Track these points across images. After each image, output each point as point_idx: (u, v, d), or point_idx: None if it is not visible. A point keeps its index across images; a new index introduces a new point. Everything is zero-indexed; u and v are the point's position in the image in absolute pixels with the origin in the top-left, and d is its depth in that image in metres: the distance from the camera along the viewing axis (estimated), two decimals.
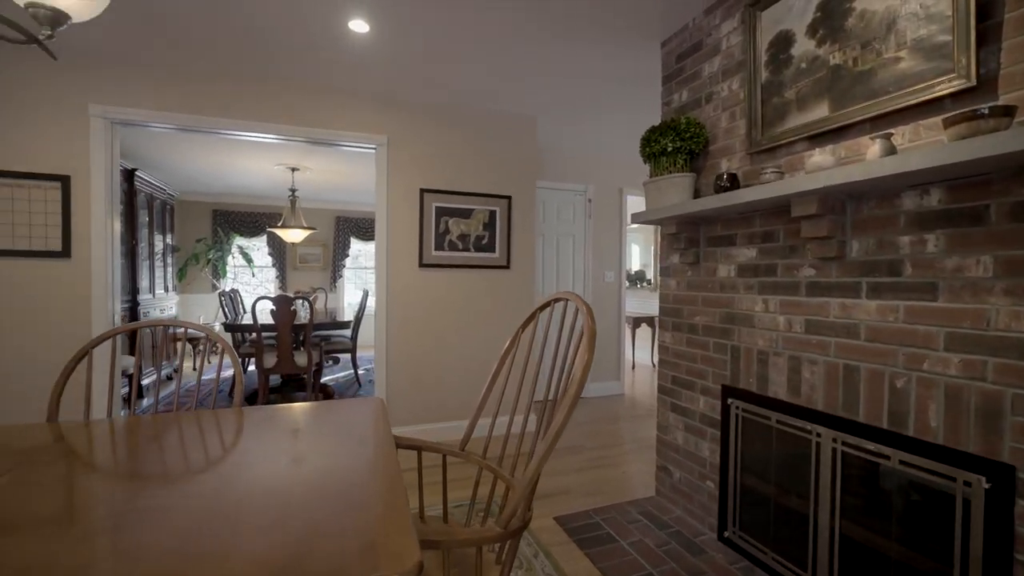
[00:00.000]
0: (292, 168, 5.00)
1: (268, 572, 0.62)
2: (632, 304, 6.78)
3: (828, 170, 1.42)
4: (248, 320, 4.46)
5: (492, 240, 3.44)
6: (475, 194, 3.39)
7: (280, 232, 5.17)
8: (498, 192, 3.47)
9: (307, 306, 4.64)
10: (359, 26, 2.31)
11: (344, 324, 4.37)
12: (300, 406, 1.37)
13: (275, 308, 3.66)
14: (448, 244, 3.33)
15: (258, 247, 7.15)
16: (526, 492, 0.94)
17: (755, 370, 1.90)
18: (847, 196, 1.55)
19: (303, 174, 5.30)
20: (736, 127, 2.00)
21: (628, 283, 6.74)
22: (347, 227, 7.43)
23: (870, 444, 1.47)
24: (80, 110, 2.60)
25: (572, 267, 4.54)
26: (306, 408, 1.36)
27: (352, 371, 5.24)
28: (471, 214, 3.38)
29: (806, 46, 1.66)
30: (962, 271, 1.28)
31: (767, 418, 1.83)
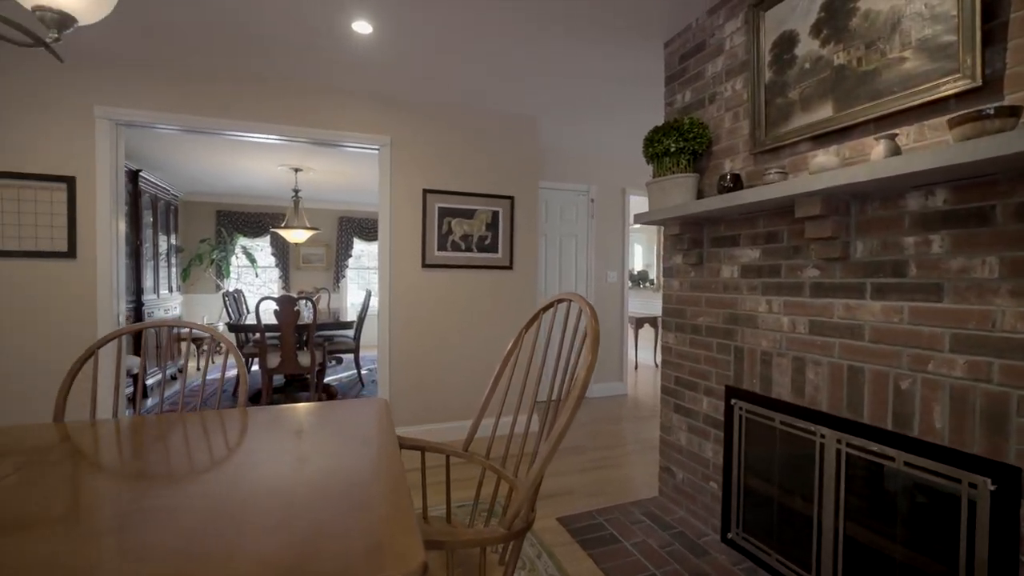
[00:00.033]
0: (295, 169, 5.01)
1: (273, 573, 0.62)
2: (635, 304, 6.77)
3: (832, 171, 1.41)
4: (252, 320, 4.47)
5: (495, 240, 3.45)
6: (478, 194, 3.39)
7: (283, 232, 5.18)
8: (501, 192, 3.47)
9: (310, 306, 4.65)
10: (362, 27, 2.32)
11: (347, 324, 4.38)
12: (304, 406, 1.38)
13: (279, 308, 3.67)
14: (451, 244, 3.34)
15: (261, 247, 7.18)
16: (530, 493, 0.94)
17: (759, 371, 1.89)
18: (851, 197, 1.54)
19: (306, 175, 5.31)
20: (739, 127, 2.00)
21: (631, 283, 6.73)
22: (350, 227, 7.45)
23: (874, 445, 1.47)
24: (85, 112, 2.62)
25: (575, 267, 4.54)
26: (310, 408, 1.36)
27: (355, 371, 5.25)
28: (474, 214, 3.38)
29: (810, 46, 1.65)
30: (967, 272, 1.28)
31: (771, 419, 1.83)
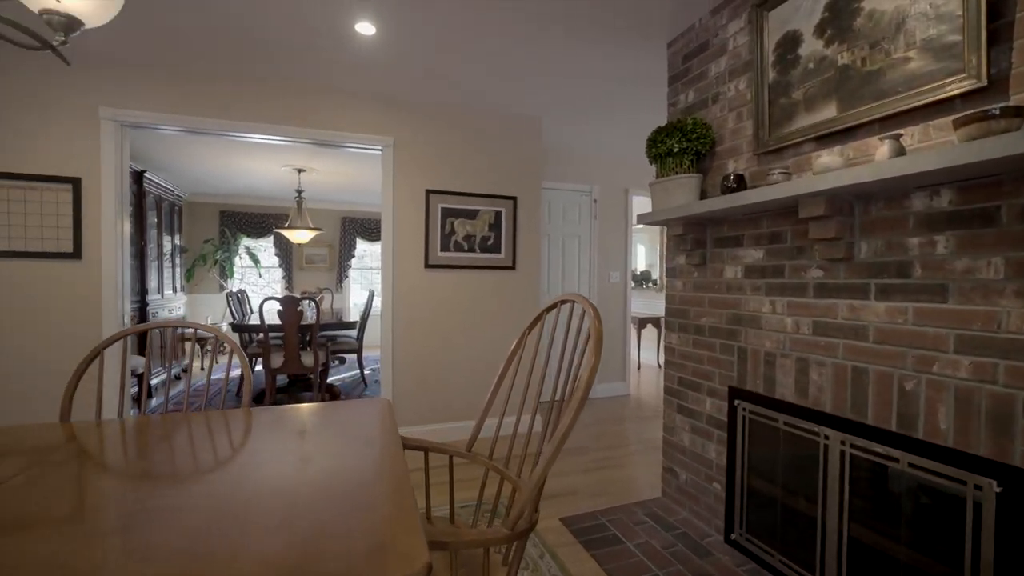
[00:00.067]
0: (298, 169, 5.03)
1: (277, 573, 0.62)
2: (638, 304, 6.76)
3: (836, 171, 1.41)
4: (255, 320, 4.49)
5: (498, 241, 3.45)
6: (481, 195, 3.40)
7: (287, 233, 5.20)
8: (503, 193, 3.47)
9: (313, 306, 4.66)
10: (365, 28, 2.32)
11: (350, 324, 4.39)
12: (307, 407, 1.38)
13: (282, 309, 3.68)
14: (454, 245, 3.34)
15: (265, 248, 7.20)
16: (533, 494, 0.94)
17: (762, 372, 1.89)
18: (855, 197, 1.54)
19: (309, 175, 5.33)
20: (743, 128, 1.99)
21: (634, 283, 6.72)
22: (353, 228, 7.46)
23: (879, 447, 1.46)
24: (91, 113, 2.63)
25: (577, 267, 4.53)
26: (313, 409, 1.37)
27: (358, 371, 5.26)
28: (477, 215, 3.39)
29: (814, 46, 1.65)
30: (972, 273, 1.27)
31: (774, 420, 1.82)
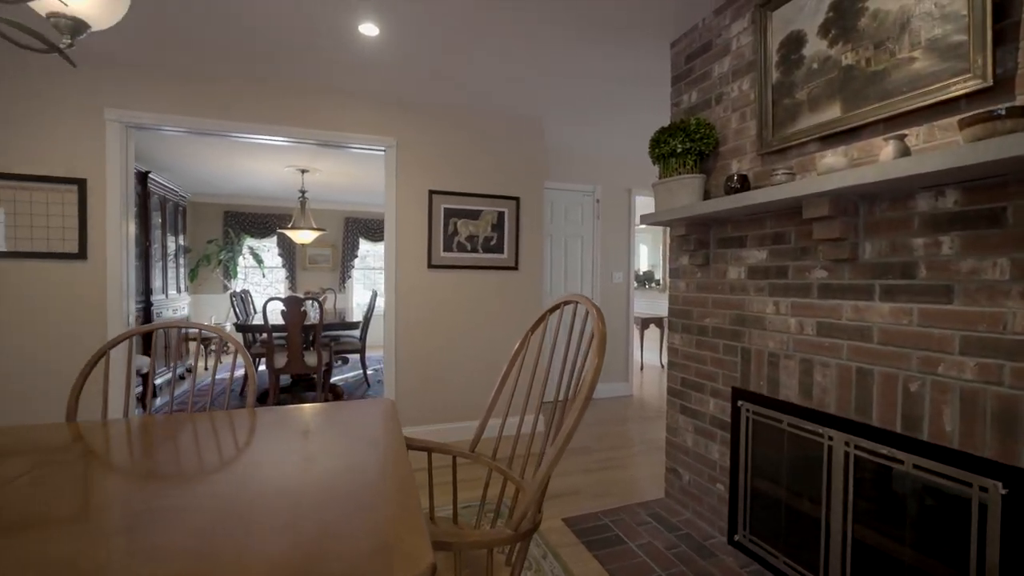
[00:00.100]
0: (302, 170, 5.04)
1: (282, 574, 0.63)
2: (640, 305, 6.75)
3: (841, 171, 1.40)
4: (259, 320, 4.50)
5: (500, 241, 3.45)
6: (483, 195, 3.40)
7: (290, 233, 5.21)
8: (506, 193, 3.47)
9: (317, 307, 4.67)
10: (369, 29, 2.33)
11: (353, 324, 4.40)
12: (311, 407, 1.39)
13: (285, 309, 3.70)
14: (457, 245, 3.35)
15: (268, 248, 7.22)
16: (536, 495, 0.94)
17: (766, 372, 1.88)
18: (860, 198, 1.53)
19: (312, 176, 5.34)
20: (747, 128, 1.99)
21: (636, 284, 6.71)
22: (356, 228, 7.48)
23: (883, 448, 1.46)
24: (96, 114, 2.65)
25: (580, 268, 4.53)
26: (317, 409, 1.37)
27: (361, 371, 5.27)
28: (479, 215, 3.39)
29: (818, 46, 1.64)
30: (978, 274, 1.27)
31: (778, 421, 1.82)
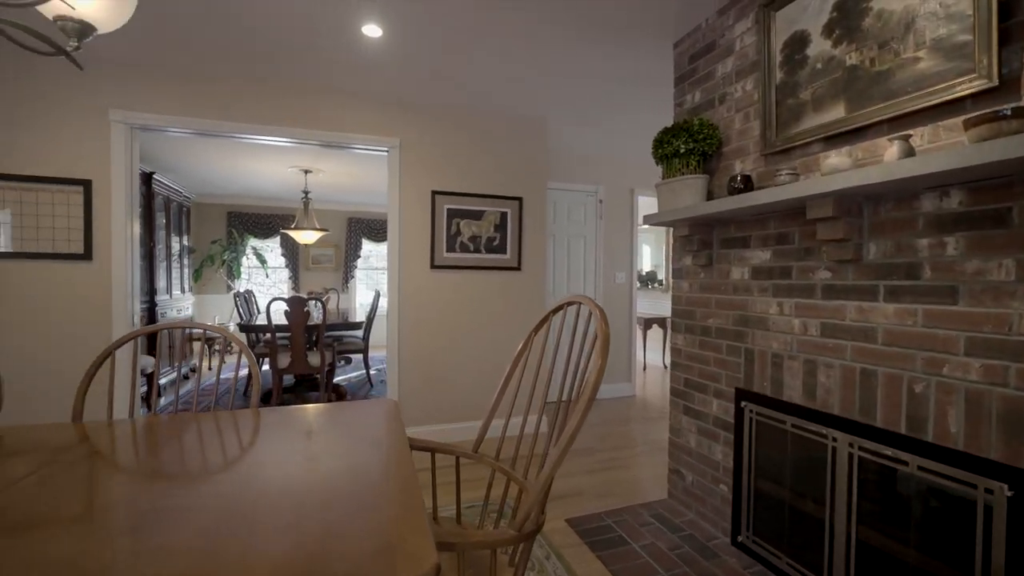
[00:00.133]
0: (305, 170, 5.05)
1: (286, 574, 0.63)
2: (643, 305, 6.74)
3: (845, 172, 1.40)
4: (262, 321, 4.52)
5: (503, 241, 3.45)
6: (486, 196, 3.40)
7: (293, 233, 5.23)
8: (509, 193, 3.47)
9: (320, 307, 4.69)
10: (372, 31, 2.33)
11: (356, 325, 4.41)
12: (314, 407, 1.39)
13: (289, 309, 3.71)
14: (459, 246, 3.35)
15: (271, 248, 7.24)
16: (540, 496, 0.94)
17: (769, 373, 1.88)
18: (864, 198, 1.53)
19: (316, 176, 5.35)
20: (750, 128, 1.98)
21: (639, 284, 6.70)
22: (359, 228, 7.49)
23: (888, 449, 1.45)
24: (101, 115, 2.66)
25: (583, 268, 4.53)
26: (320, 409, 1.37)
27: (364, 371, 5.28)
28: (482, 215, 3.39)
29: (822, 46, 1.64)
30: (983, 274, 1.26)
31: (782, 422, 1.82)
